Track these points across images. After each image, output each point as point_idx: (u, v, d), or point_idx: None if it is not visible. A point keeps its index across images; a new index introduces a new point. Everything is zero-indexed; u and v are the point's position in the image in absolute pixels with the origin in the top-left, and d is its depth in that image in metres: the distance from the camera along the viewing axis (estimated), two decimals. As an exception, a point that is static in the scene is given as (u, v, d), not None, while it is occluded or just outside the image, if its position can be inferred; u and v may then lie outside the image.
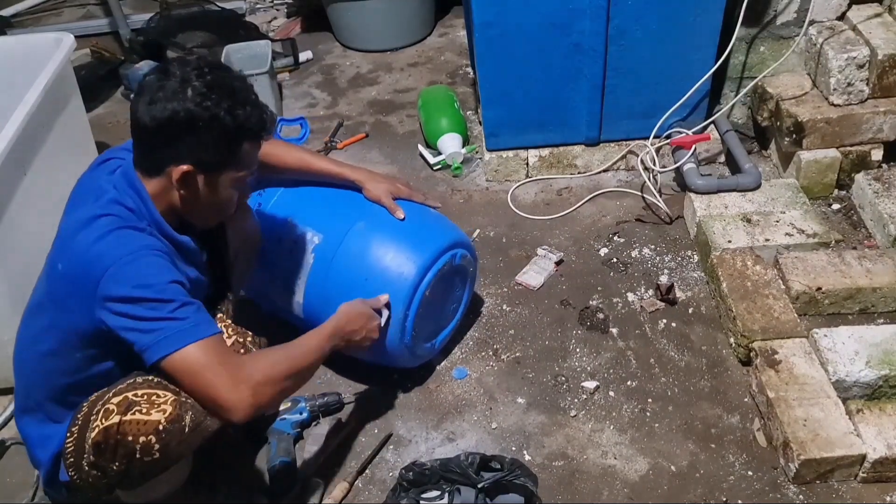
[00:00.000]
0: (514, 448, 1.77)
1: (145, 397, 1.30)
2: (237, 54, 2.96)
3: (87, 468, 1.33)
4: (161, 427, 1.28)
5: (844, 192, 2.34)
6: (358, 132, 2.84)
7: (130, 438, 1.27)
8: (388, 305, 1.73)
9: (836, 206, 2.31)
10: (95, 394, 1.36)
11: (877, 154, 2.29)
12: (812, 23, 2.32)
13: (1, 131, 1.88)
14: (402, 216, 1.79)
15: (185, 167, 1.36)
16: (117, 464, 1.29)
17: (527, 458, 1.74)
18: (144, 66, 3.09)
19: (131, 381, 1.33)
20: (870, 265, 1.99)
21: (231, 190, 1.46)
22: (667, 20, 2.22)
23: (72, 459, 1.35)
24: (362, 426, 1.83)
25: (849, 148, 2.28)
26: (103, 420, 1.29)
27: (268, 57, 2.88)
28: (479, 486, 1.54)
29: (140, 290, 1.29)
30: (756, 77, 2.38)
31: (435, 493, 1.55)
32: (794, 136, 2.28)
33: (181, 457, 1.33)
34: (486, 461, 1.59)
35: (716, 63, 2.28)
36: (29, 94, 2.01)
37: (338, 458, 1.76)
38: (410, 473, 1.58)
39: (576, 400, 1.86)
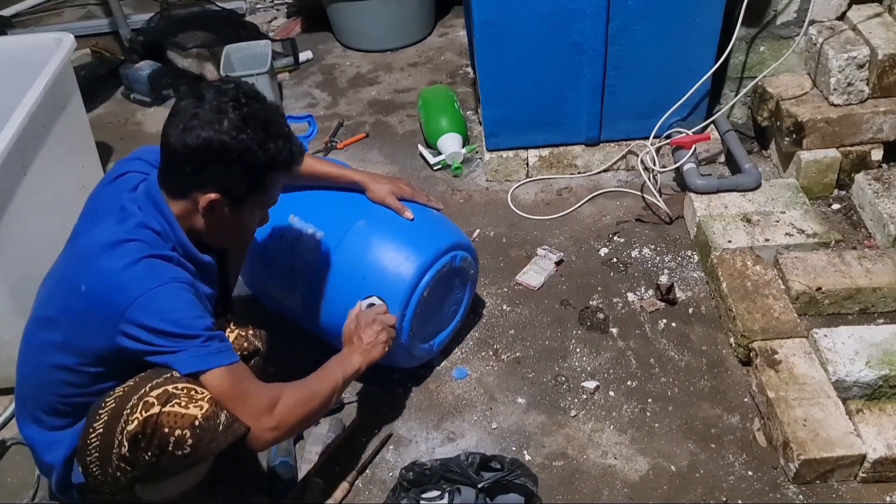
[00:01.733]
0: (514, 448, 1.77)
1: (185, 391, 1.31)
2: (237, 54, 2.96)
3: (116, 462, 1.32)
4: (197, 422, 1.29)
5: (844, 192, 2.34)
6: (358, 132, 2.84)
7: (167, 430, 1.28)
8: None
9: (836, 206, 2.31)
10: (119, 389, 1.35)
11: (877, 154, 2.29)
12: (812, 23, 2.32)
13: (1, 131, 1.88)
14: (411, 216, 1.80)
15: (212, 195, 1.37)
16: (149, 455, 1.30)
17: (527, 458, 1.74)
18: (144, 66, 3.09)
19: (168, 375, 1.33)
20: (870, 265, 1.99)
21: (254, 216, 1.48)
22: (667, 20, 2.22)
23: (96, 455, 1.34)
24: (362, 426, 1.83)
25: (849, 148, 2.28)
26: (143, 412, 1.29)
27: (268, 57, 2.88)
28: (480, 485, 1.54)
29: (167, 325, 1.31)
30: (756, 77, 2.38)
31: (435, 493, 1.55)
32: (794, 136, 2.28)
33: (211, 454, 1.34)
34: (486, 461, 1.59)
35: (716, 63, 2.28)
36: (29, 94, 2.01)
37: (338, 458, 1.76)
38: (411, 473, 1.58)
39: (576, 400, 1.87)
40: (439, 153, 2.60)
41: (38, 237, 1.92)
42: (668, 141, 2.41)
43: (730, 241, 2.10)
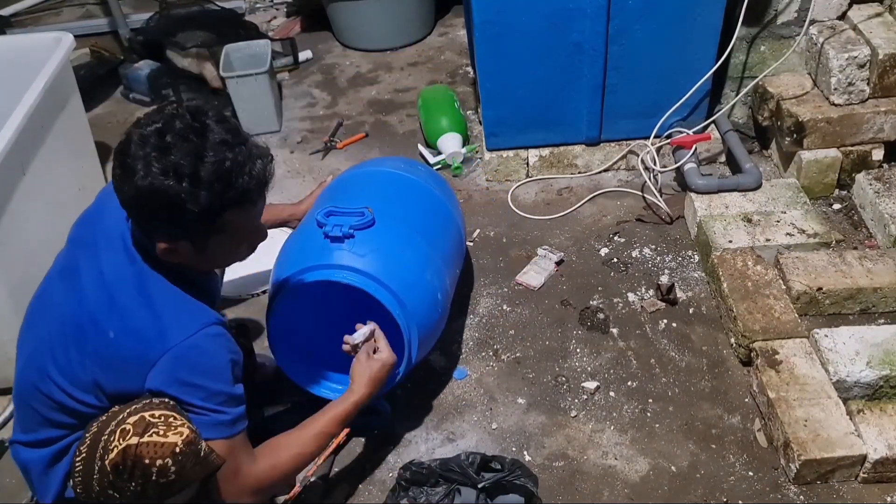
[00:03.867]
0: (514, 448, 1.76)
1: (162, 419, 1.28)
2: (236, 54, 2.96)
3: (98, 488, 1.30)
4: (178, 450, 1.27)
5: (845, 192, 2.34)
6: (358, 132, 2.84)
7: (147, 461, 1.26)
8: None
9: (836, 206, 2.31)
10: (109, 412, 1.33)
11: (877, 154, 2.29)
12: (813, 22, 2.32)
13: (0, 131, 1.88)
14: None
15: (162, 244, 1.31)
16: (134, 484, 1.28)
17: (527, 458, 1.74)
18: (144, 65, 3.09)
19: (147, 401, 1.31)
20: (870, 265, 1.99)
21: (239, 250, 1.42)
22: (667, 20, 2.22)
23: (79, 478, 1.32)
24: (362, 426, 1.83)
25: (849, 148, 2.28)
26: (121, 440, 1.27)
27: (267, 56, 2.88)
28: (480, 486, 1.53)
29: (199, 378, 1.33)
30: (757, 77, 2.38)
31: (435, 493, 1.55)
32: (795, 135, 2.27)
33: (198, 478, 1.33)
34: (486, 461, 1.59)
35: (716, 63, 2.28)
36: (28, 94, 2.01)
37: (338, 458, 1.76)
38: (408, 473, 1.58)
39: (576, 400, 1.86)
40: (439, 153, 2.60)
41: (37, 237, 1.92)
42: (669, 141, 2.41)
43: (730, 241, 2.10)
